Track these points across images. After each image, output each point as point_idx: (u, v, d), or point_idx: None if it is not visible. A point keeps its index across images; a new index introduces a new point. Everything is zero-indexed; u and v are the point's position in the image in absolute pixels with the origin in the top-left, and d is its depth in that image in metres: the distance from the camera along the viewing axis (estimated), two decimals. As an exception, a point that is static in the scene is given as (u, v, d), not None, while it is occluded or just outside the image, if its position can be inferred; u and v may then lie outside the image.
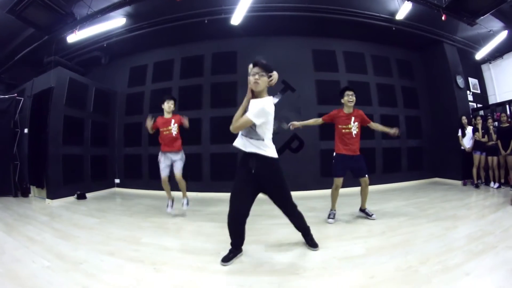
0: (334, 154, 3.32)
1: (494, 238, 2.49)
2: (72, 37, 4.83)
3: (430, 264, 2.07)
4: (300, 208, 2.47)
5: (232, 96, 5.40)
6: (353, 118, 3.26)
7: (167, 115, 3.77)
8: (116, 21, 5.00)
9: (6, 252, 2.37)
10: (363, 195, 3.39)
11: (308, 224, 2.54)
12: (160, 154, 3.82)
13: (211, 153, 5.40)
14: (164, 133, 3.83)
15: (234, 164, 5.11)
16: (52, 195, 4.52)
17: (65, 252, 2.42)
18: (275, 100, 5.47)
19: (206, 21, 5.00)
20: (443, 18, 4.84)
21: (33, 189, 5.00)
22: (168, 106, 3.74)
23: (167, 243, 2.47)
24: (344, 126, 3.24)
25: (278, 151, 5.25)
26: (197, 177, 5.36)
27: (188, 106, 5.54)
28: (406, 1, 4.78)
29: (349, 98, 3.23)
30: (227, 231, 2.24)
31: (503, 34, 5.90)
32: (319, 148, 5.31)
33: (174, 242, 2.65)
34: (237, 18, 4.76)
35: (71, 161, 5.01)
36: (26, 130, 5.02)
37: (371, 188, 3.47)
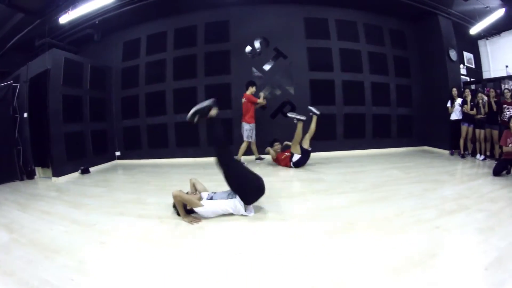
0: None
1: (468, 201, 2.63)
2: (65, 18, 4.76)
3: (404, 216, 2.29)
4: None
5: (226, 64, 5.49)
6: None
7: None
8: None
9: (25, 226, 2.48)
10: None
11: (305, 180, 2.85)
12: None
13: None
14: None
15: (231, 129, 5.32)
16: (57, 173, 4.58)
17: (78, 218, 2.62)
18: (267, 66, 5.59)
19: None
20: None
21: (38, 170, 5.06)
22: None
23: (170, 201, 2.57)
24: None
25: (271, 116, 5.49)
26: (194, 143, 5.65)
27: (183, 76, 5.65)
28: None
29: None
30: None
31: (500, 12, 5.83)
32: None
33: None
34: None
35: (72, 138, 5.08)
36: (25, 115, 5.04)
37: (361, 152, 3.69)
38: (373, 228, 2.08)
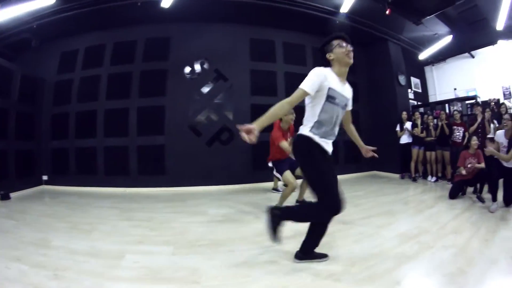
0: None
1: (430, 237, 2.37)
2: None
3: (356, 270, 1.85)
4: (230, 202, 2.25)
5: (162, 85, 5.07)
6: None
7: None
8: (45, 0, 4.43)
9: None
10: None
11: (236, 220, 2.37)
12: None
13: (138, 145, 5.06)
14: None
15: (163, 158, 5.00)
16: (-30, 198, 3.97)
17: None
18: (206, 89, 5.24)
19: (139, 4, 4.55)
20: (387, 12, 4.77)
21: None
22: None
23: (76, 246, 2.29)
24: None
25: (207, 143, 4.88)
26: (124, 171, 5.06)
27: (116, 95, 5.16)
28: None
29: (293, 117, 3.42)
30: (139, 231, 2.07)
31: (448, 39, 6.11)
32: None
33: (83, 244, 2.43)
34: (168, 0, 4.41)
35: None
36: None
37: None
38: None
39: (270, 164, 3.43)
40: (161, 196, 4.35)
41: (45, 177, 5.54)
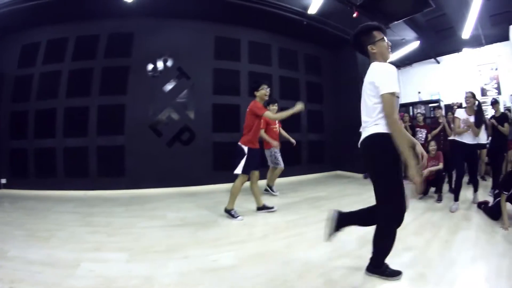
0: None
1: None
2: None
3: (310, 277, 1.78)
4: (189, 205, 2.20)
5: (123, 82, 4.92)
6: None
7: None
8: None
9: None
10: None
11: (194, 224, 2.31)
12: (276, 149, 4.16)
13: (97, 145, 4.91)
14: (274, 129, 4.20)
15: (123, 159, 4.88)
16: None
17: None
18: (168, 87, 5.14)
19: None
20: (354, 15, 4.78)
21: None
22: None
23: (32, 255, 2.20)
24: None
25: (167, 144, 4.83)
26: (84, 173, 4.88)
27: (76, 93, 4.96)
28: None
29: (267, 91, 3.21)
30: (97, 237, 2.02)
31: (415, 44, 6.25)
32: (212, 141, 5.16)
33: (40, 253, 2.33)
34: None
35: None
36: None
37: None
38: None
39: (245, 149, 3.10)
40: (121, 199, 4.28)
41: (3, 181, 5.25)
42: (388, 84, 1.54)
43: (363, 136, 1.71)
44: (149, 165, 4.63)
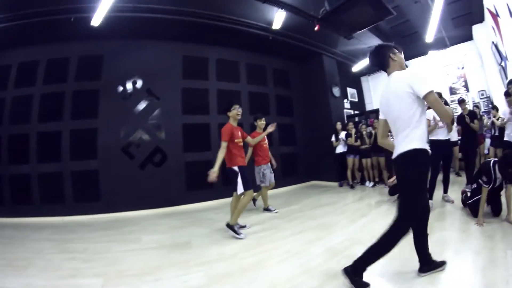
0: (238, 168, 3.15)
1: (361, 248, 2.09)
2: None
3: None
4: (163, 227, 2.35)
5: (94, 106, 4.99)
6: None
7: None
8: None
9: None
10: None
11: (167, 246, 2.38)
12: (265, 166, 4.20)
13: (71, 170, 4.96)
14: (264, 146, 4.24)
15: (97, 183, 4.92)
16: None
17: None
18: (138, 109, 5.22)
19: (72, 19, 4.43)
20: (316, 28, 4.90)
21: None
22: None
23: (10, 284, 2.20)
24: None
25: (140, 166, 4.99)
26: (59, 199, 4.90)
27: (49, 117, 5.01)
28: (280, 10, 4.71)
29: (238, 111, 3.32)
30: (73, 264, 2.06)
31: None
32: (184, 161, 5.27)
33: (18, 283, 2.36)
34: (98, 18, 4.32)
35: None
36: None
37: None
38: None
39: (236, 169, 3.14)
40: (97, 223, 4.33)
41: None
42: (427, 83, 1.63)
43: (397, 151, 1.76)
44: (123, 188, 4.70)
